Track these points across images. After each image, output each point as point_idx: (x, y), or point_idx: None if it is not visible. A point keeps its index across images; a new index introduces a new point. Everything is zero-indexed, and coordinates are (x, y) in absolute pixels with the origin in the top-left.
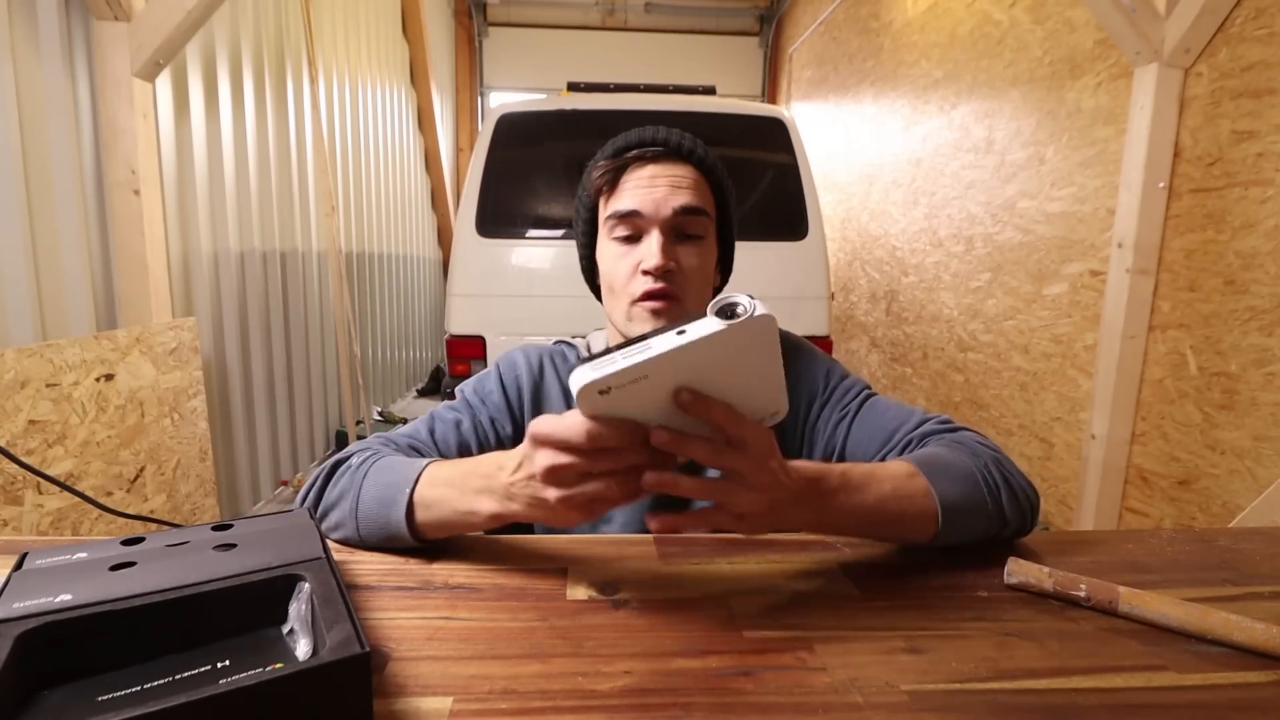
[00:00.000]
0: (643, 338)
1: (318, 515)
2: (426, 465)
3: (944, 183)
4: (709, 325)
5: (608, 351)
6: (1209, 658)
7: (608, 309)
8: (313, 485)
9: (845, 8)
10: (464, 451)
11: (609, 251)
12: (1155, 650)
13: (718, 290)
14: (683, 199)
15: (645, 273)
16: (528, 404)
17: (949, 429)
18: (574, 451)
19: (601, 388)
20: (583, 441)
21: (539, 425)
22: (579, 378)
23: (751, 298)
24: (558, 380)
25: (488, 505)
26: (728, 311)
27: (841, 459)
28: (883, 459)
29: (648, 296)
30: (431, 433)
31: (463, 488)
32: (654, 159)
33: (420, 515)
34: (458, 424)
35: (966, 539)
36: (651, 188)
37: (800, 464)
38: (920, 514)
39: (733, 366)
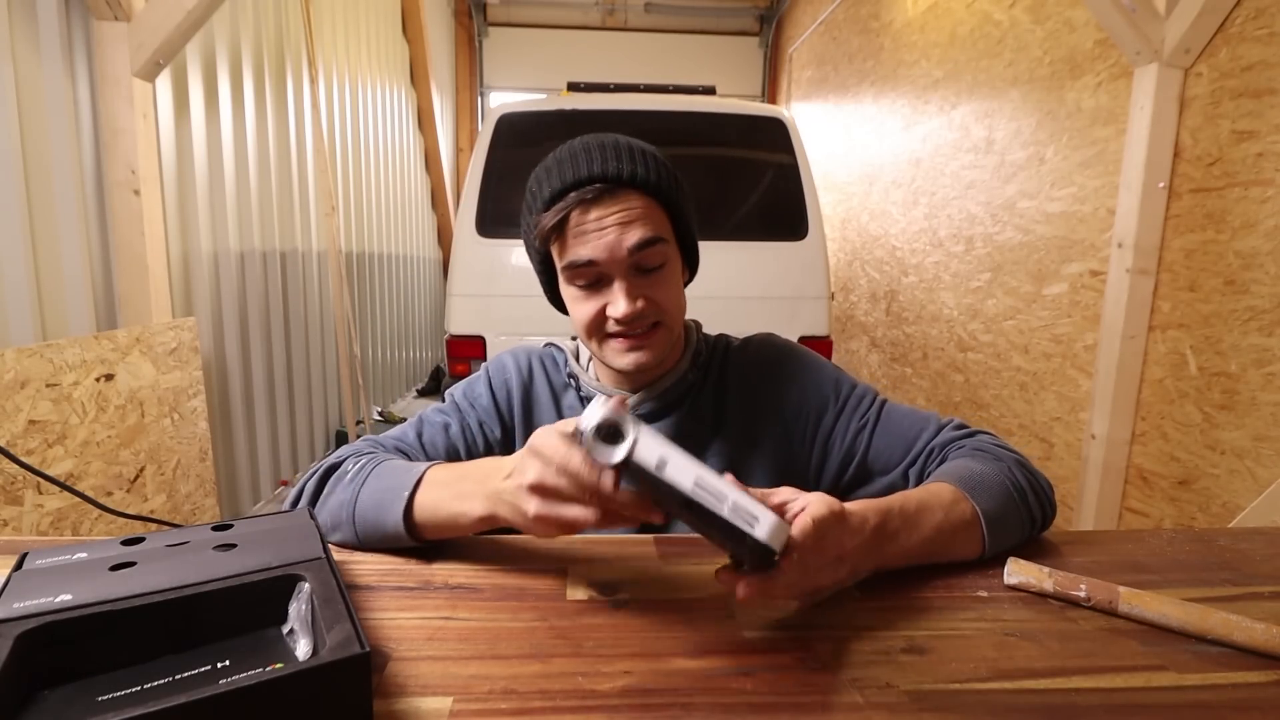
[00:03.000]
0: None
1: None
2: (427, 469)
3: (944, 183)
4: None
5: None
6: (1209, 658)
7: (584, 342)
8: (302, 490)
9: (845, 8)
10: (452, 455)
11: (572, 295)
12: (1155, 650)
13: (685, 283)
14: (636, 235)
15: (616, 320)
16: (517, 407)
17: (966, 434)
18: (565, 475)
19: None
20: (577, 472)
21: (539, 438)
22: (590, 419)
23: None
24: (547, 383)
25: (478, 507)
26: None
27: (863, 465)
28: (906, 470)
29: (622, 335)
30: (419, 436)
31: (457, 490)
32: (596, 199)
33: (418, 517)
34: (446, 427)
35: (1004, 547)
36: (601, 232)
37: (862, 511)
38: (969, 537)
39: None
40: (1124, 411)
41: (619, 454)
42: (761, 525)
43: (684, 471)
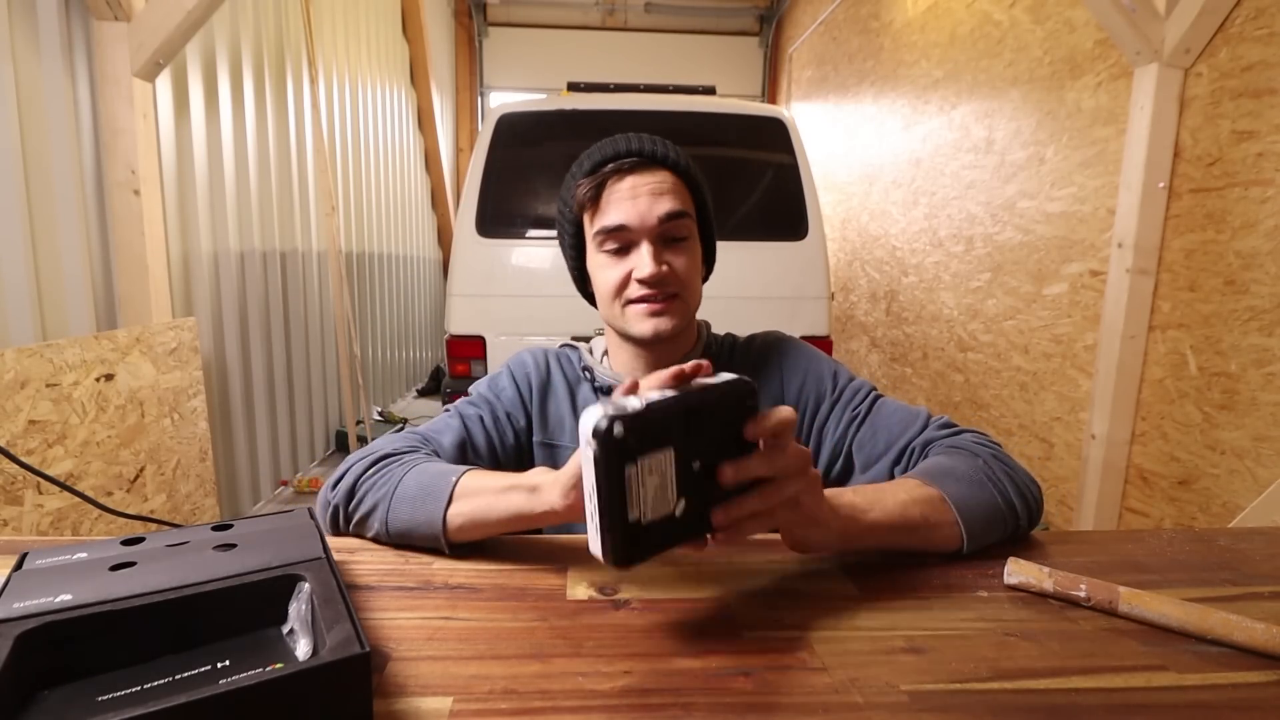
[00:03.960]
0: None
1: (350, 502)
2: (469, 469)
3: (944, 183)
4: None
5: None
6: (1209, 658)
7: (605, 315)
8: (345, 472)
9: (845, 8)
10: (490, 445)
11: (600, 263)
12: (1155, 650)
13: (703, 280)
14: (666, 205)
15: (640, 281)
16: (535, 401)
17: (950, 433)
18: None
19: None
20: None
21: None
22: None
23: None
24: (564, 379)
25: (516, 497)
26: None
27: (849, 458)
28: (891, 469)
29: (644, 300)
30: (464, 424)
31: (497, 485)
32: (632, 169)
33: (453, 511)
34: (481, 419)
35: (990, 539)
36: (634, 199)
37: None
38: (941, 520)
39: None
40: (1124, 411)
41: (633, 404)
42: (728, 375)
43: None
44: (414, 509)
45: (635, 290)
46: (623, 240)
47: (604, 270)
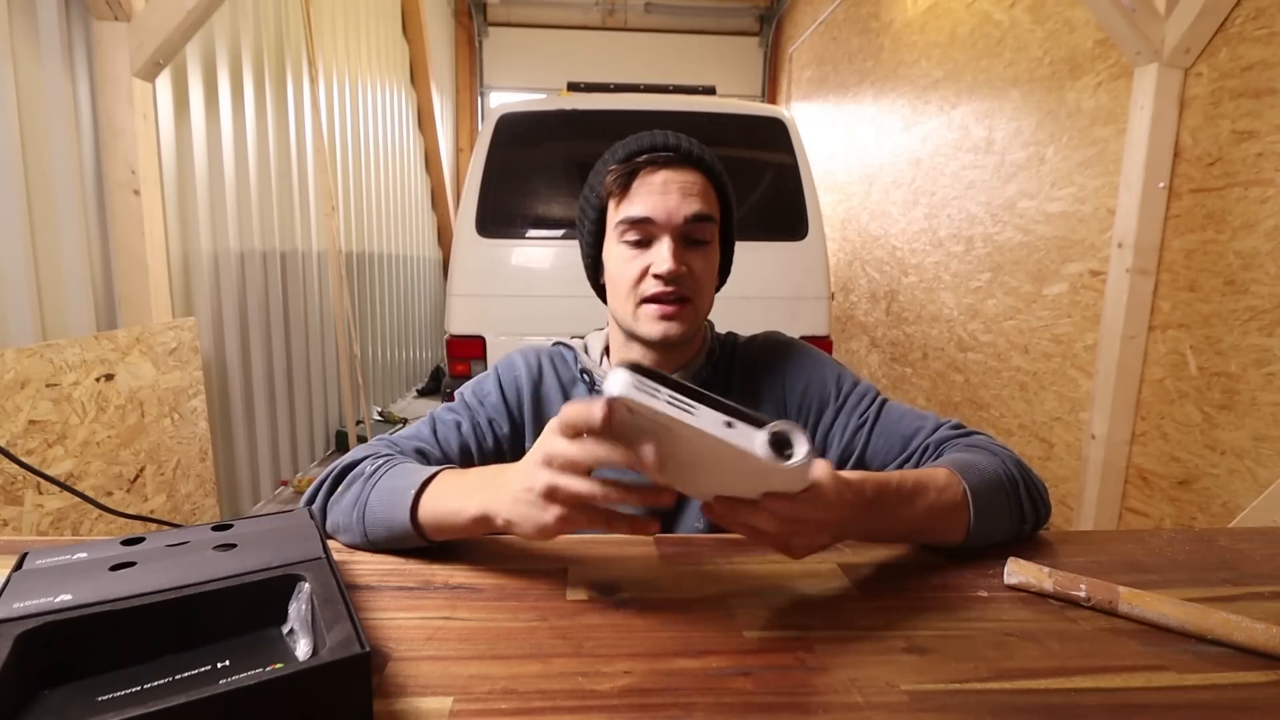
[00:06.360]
0: (694, 392)
1: (324, 518)
2: (439, 470)
3: (944, 183)
4: (756, 442)
5: (659, 377)
6: (1209, 658)
7: (613, 308)
8: (319, 488)
9: (845, 8)
10: (465, 452)
11: (618, 254)
12: (1155, 650)
13: (716, 289)
14: (694, 206)
15: (657, 276)
16: (527, 404)
17: (963, 434)
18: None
19: (632, 406)
20: (590, 417)
21: (546, 436)
22: (620, 381)
23: (808, 441)
24: (557, 381)
25: (473, 505)
26: (781, 445)
27: (861, 464)
28: (900, 467)
29: (657, 299)
30: (434, 433)
31: (459, 488)
32: (665, 164)
33: (422, 514)
34: (458, 425)
35: (992, 538)
36: (664, 194)
37: (861, 479)
38: (956, 520)
39: (748, 480)
40: (1124, 411)
41: (655, 400)
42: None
43: (711, 416)
44: (386, 518)
45: (650, 286)
46: (645, 233)
47: (621, 262)
